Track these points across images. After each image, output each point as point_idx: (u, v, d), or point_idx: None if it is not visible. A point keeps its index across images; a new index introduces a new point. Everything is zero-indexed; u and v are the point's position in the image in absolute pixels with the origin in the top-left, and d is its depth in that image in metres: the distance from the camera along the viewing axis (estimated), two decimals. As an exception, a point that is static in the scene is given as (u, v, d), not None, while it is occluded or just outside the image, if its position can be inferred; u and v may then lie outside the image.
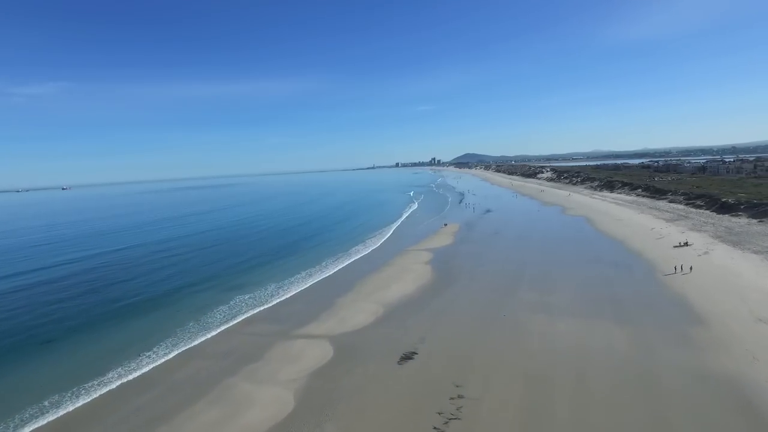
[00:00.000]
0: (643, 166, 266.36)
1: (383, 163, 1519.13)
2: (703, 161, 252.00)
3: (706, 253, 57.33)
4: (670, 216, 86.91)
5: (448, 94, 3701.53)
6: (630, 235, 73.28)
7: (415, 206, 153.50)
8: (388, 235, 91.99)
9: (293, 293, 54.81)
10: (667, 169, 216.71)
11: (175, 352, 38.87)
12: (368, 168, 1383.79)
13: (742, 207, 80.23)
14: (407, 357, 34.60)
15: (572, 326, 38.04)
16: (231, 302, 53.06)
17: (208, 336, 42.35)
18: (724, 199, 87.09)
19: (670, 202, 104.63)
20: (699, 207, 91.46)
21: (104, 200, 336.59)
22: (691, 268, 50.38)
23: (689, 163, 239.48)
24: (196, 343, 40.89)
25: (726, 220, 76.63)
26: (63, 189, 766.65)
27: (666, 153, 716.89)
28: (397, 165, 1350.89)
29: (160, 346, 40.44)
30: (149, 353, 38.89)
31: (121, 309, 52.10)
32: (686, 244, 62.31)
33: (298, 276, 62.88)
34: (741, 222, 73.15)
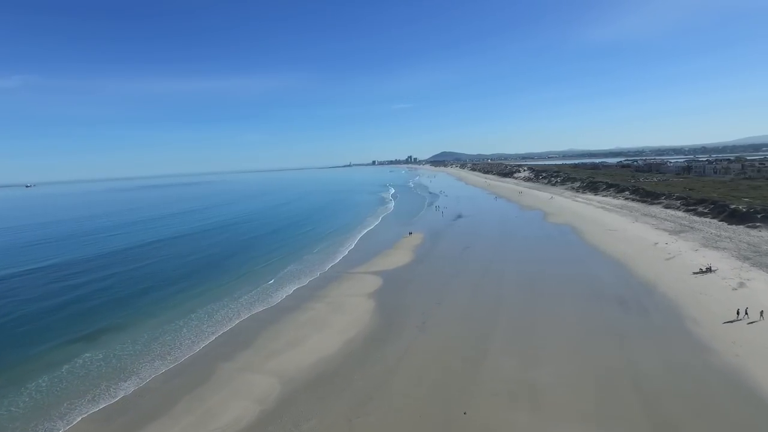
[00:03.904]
0: (622, 166, 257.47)
1: (360, 161, 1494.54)
2: (683, 160, 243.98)
3: (741, 284, 42.30)
4: (673, 226, 72.54)
5: (425, 92, 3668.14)
6: (631, 253, 58.11)
7: (383, 210, 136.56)
8: (341, 256, 73.78)
9: (163, 357, 37.08)
10: (649, 168, 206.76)
11: None
12: (345, 166, 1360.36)
13: (758, 216, 66.35)
14: None
15: (578, 449, 21.79)
16: (64, 369, 35.34)
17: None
18: (733, 206, 73.22)
19: (666, 207, 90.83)
20: (702, 215, 77.57)
21: (60, 200, 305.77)
22: (761, 314, 34.62)
23: (671, 162, 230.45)
24: None
25: (743, 233, 62.50)
26: (27, 187, 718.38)
27: (640, 152, 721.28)
28: (373, 163, 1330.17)
29: None
30: None
31: None
32: (709, 269, 47.19)
33: (189, 319, 45.15)
34: (765, 236, 59.03)
